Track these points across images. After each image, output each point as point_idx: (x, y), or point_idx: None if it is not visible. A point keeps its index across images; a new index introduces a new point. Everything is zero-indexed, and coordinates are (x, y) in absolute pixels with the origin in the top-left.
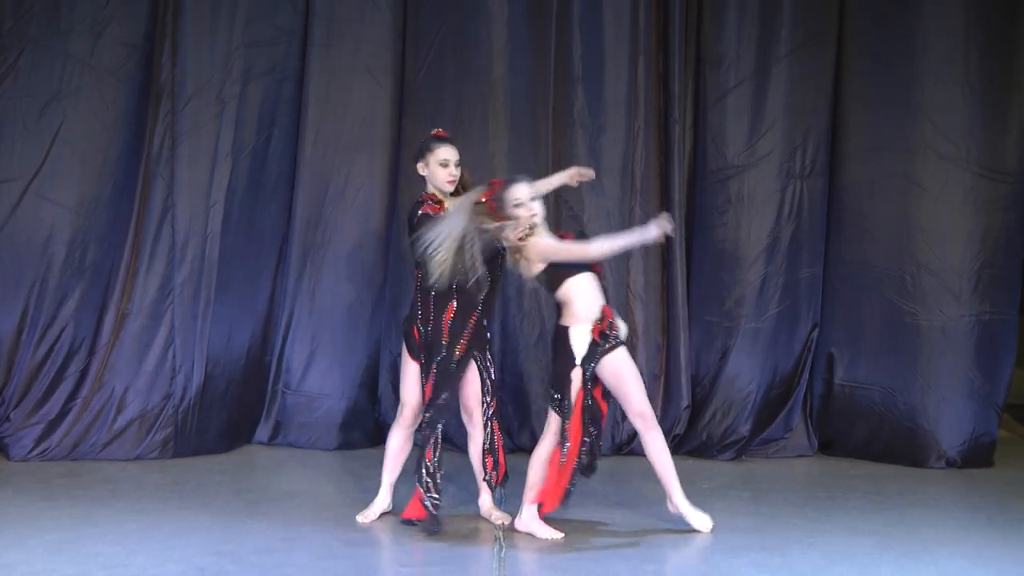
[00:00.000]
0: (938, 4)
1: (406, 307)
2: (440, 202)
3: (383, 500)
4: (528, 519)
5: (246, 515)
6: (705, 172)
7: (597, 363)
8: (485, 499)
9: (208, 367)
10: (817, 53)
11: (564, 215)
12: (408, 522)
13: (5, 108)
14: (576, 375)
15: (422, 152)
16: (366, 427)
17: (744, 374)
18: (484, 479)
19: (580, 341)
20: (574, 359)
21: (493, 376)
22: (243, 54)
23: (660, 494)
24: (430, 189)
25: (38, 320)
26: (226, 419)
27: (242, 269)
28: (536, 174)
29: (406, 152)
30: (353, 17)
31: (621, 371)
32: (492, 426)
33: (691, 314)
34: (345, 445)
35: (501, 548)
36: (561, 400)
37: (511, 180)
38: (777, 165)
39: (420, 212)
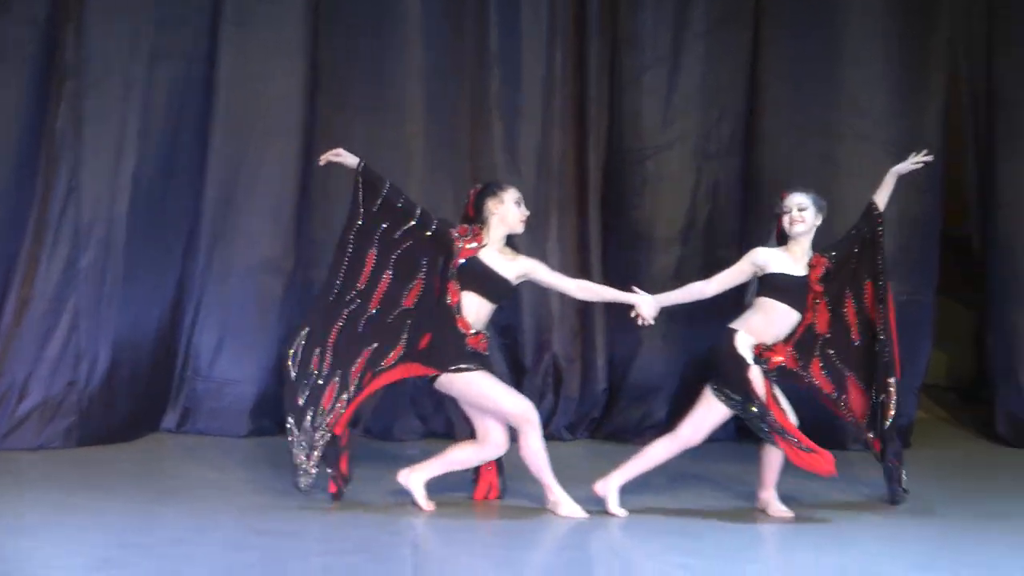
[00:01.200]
0: None
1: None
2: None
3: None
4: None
5: (154, 505)
6: (621, 153)
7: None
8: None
9: (114, 353)
10: (734, 32)
11: None
12: None
13: None
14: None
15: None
16: (277, 414)
17: (661, 358)
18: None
19: None
20: None
21: None
22: (152, 33)
23: (576, 480)
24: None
25: None
26: (133, 406)
27: (150, 253)
28: (452, 156)
29: (320, 136)
30: None
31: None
32: None
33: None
34: (256, 432)
35: (416, 537)
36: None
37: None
38: (693, 145)
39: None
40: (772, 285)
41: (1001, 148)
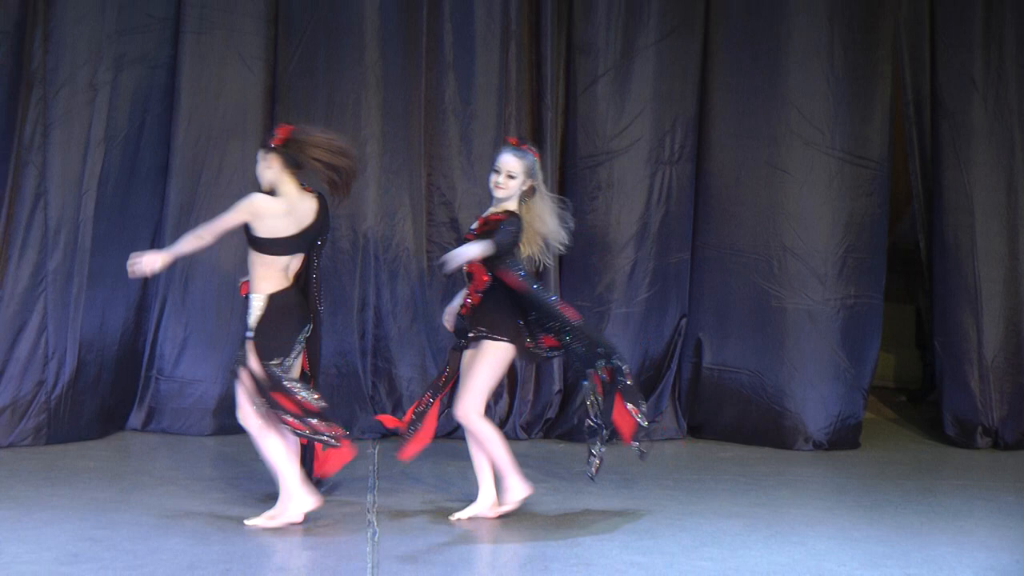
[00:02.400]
0: None
1: None
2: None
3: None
4: None
5: (120, 501)
6: (576, 158)
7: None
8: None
9: (81, 353)
10: (684, 41)
11: (436, 202)
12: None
13: None
14: None
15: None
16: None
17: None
18: None
19: None
20: None
21: None
22: (116, 41)
23: (532, 478)
24: None
25: None
26: (99, 405)
27: (115, 256)
28: (408, 161)
29: None
30: (225, 5)
31: None
32: None
33: (562, 299)
34: (220, 431)
35: (375, 533)
36: None
37: None
38: (646, 151)
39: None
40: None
41: (945, 154)
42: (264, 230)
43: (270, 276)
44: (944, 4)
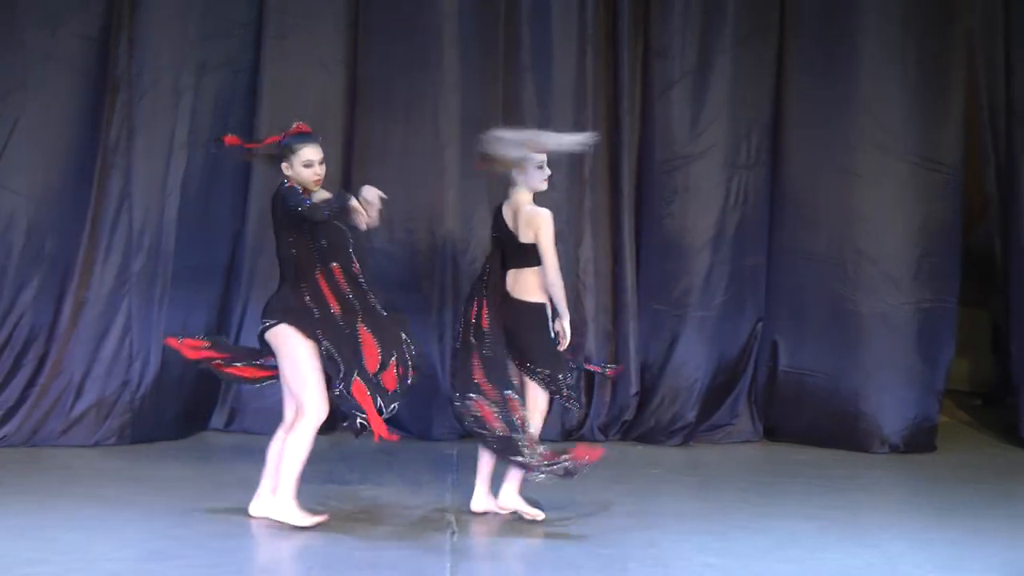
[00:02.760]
0: (877, 1)
1: None
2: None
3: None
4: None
5: (202, 500)
6: (652, 163)
7: None
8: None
9: (164, 354)
10: (760, 47)
11: None
12: None
13: None
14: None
15: (284, 152)
16: None
17: (691, 361)
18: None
19: None
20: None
21: None
22: (199, 46)
23: (609, 480)
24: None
25: None
26: (182, 406)
27: (198, 258)
28: None
29: (358, 142)
30: (306, 10)
31: None
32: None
33: (639, 303)
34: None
35: (454, 532)
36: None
37: None
38: (722, 156)
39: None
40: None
41: (1021, 160)
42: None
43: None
44: (1017, 11)
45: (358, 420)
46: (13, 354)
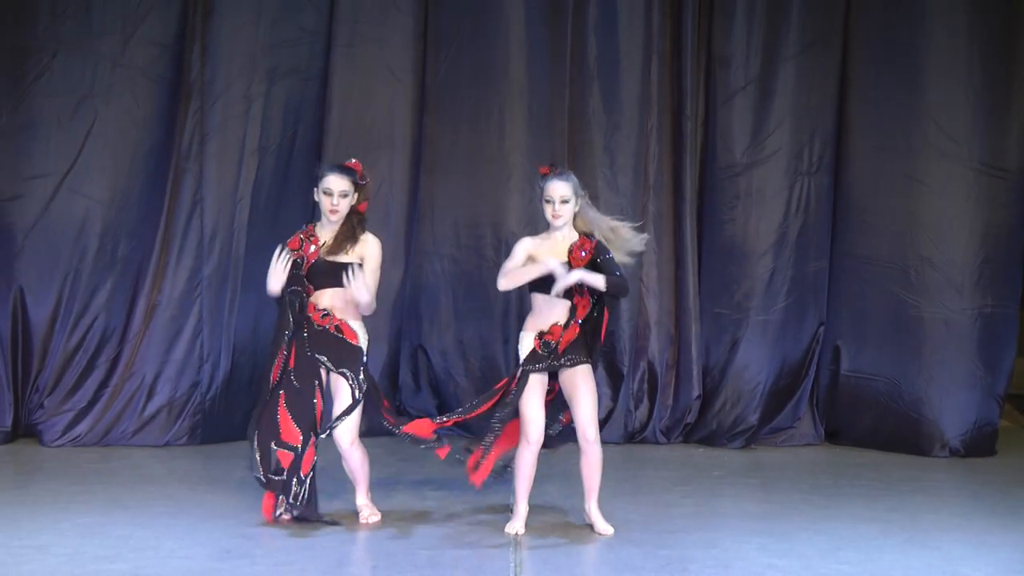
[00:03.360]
0: (941, 8)
1: (428, 298)
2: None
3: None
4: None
5: None
6: (715, 169)
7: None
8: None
9: (234, 356)
10: (823, 54)
11: None
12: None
13: (40, 106)
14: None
15: (317, 177)
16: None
17: (753, 365)
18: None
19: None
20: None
21: None
22: (269, 54)
23: (671, 481)
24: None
25: (71, 310)
26: (251, 406)
27: (268, 262)
28: None
29: (427, 149)
30: (375, 19)
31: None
32: None
33: (702, 306)
34: (366, 432)
35: (518, 534)
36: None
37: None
38: (785, 162)
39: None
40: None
41: None
42: None
43: None
44: None
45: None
46: (87, 356)
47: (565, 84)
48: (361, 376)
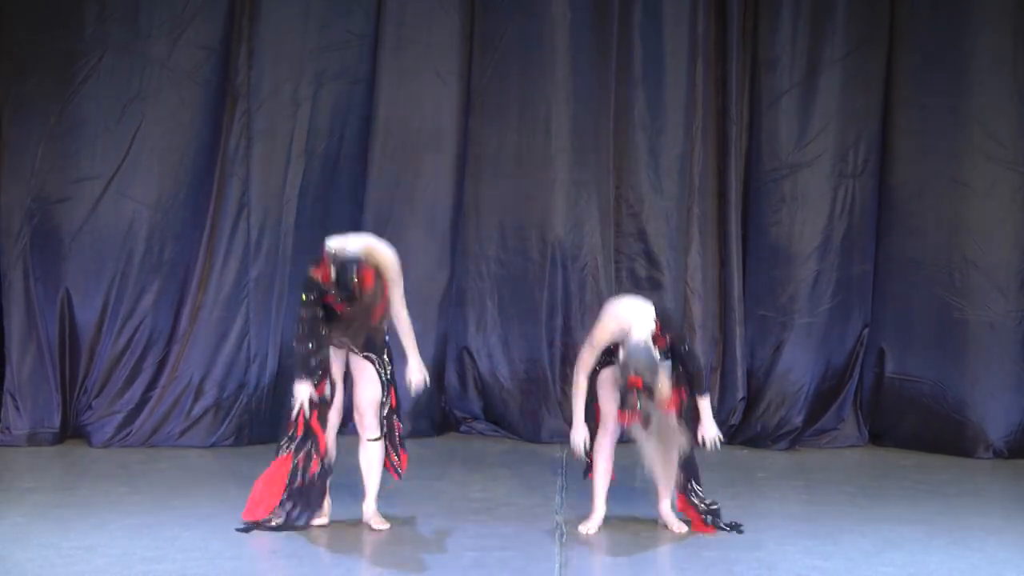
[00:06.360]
0: (987, 10)
1: (473, 301)
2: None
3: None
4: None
5: None
6: (760, 172)
7: None
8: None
9: (281, 357)
10: (868, 57)
11: (624, 213)
12: None
13: (87, 109)
14: None
15: None
16: (433, 416)
17: (797, 367)
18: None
19: None
20: None
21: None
22: (316, 57)
23: (716, 483)
24: None
25: (118, 312)
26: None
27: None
28: (597, 173)
29: (472, 152)
30: (422, 22)
31: None
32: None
33: (746, 309)
34: (413, 433)
35: (563, 534)
36: None
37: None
38: (829, 165)
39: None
40: None
41: None
42: None
43: None
44: None
45: None
46: (134, 358)
47: (610, 87)
48: (386, 358)
